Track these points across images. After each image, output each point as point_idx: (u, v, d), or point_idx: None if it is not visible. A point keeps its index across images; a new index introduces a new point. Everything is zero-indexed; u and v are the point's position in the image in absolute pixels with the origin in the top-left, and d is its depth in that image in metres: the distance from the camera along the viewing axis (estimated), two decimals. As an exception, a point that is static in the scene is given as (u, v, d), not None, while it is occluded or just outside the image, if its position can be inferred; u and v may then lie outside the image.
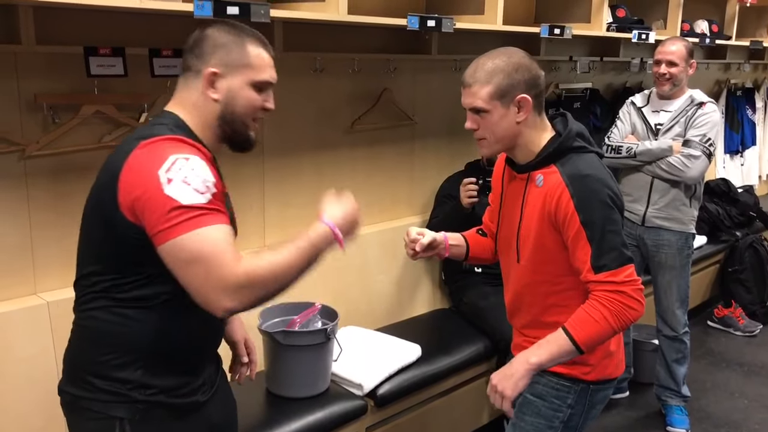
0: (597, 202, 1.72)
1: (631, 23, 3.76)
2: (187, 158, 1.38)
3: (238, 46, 1.51)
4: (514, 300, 1.96)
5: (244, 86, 1.51)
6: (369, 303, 3.10)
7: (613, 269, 1.71)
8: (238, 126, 1.53)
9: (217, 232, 1.36)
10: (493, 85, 1.72)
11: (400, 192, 3.33)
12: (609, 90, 4.49)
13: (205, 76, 1.49)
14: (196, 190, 1.35)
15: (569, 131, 1.79)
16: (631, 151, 3.15)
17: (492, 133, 1.77)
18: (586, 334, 1.72)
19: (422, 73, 3.29)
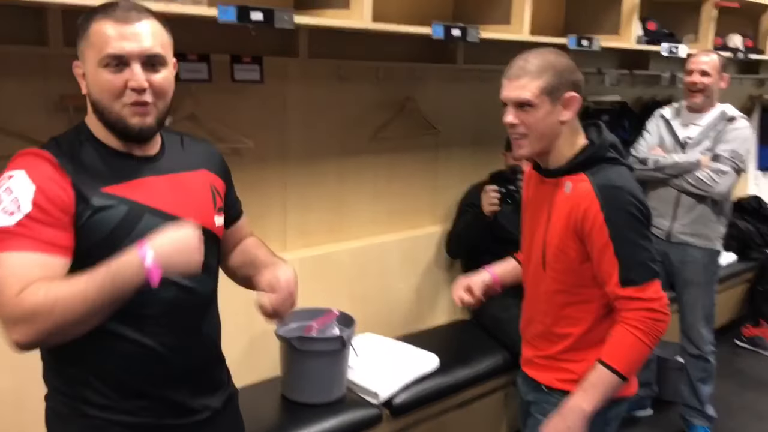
0: (627, 214, 1.69)
1: (661, 36, 3.71)
2: (11, 175, 1.29)
3: (83, 29, 1.35)
4: (531, 307, 1.94)
5: (94, 69, 1.33)
6: (388, 311, 3.09)
7: (641, 284, 1.69)
8: (109, 115, 1.35)
9: (13, 259, 1.25)
10: (543, 80, 1.69)
11: (423, 201, 3.32)
12: (638, 103, 4.43)
13: (74, 71, 1.38)
14: (3, 211, 1.27)
15: (603, 140, 1.77)
16: (658, 163, 3.11)
17: (535, 129, 1.72)
18: (625, 361, 1.70)
19: (447, 82, 3.28)
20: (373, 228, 3.12)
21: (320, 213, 2.91)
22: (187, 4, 1.97)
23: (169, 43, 1.41)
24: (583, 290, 1.79)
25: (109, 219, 1.34)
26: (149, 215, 1.38)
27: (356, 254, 2.99)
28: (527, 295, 1.96)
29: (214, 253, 1.52)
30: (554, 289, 1.83)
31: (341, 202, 2.99)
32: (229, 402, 1.60)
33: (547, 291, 1.85)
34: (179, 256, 1.29)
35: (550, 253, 1.81)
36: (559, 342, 1.85)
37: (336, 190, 2.95)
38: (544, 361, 1.90)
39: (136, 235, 1.34)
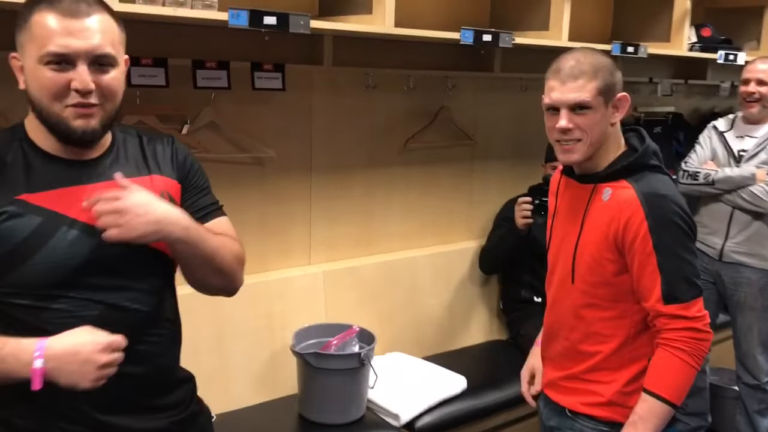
0: (673, 225, 1.58)
1: (717, 43, 3.50)
2: None
3: (22, 19, 1.23)
4: (554, 323, 1.80)
5: (35, 66, 1.21)
6: (417, 329, 2.97)
7: (686, 302, 1.58)
8: (48, 116, 1.23)
9: None
10: (600, 81, 1.60)
11: (457, 215, 3.20)
12: (695, 115, 4.20)
13: (10, 62, 1.26)
14: None
15: (647, 147, 1.66)
16: (710, 177, 2.90)
17: (591, 133, 1.62)
18: (674, 387, 1.59)
19: (484, 91, 3.16)
20: (402, 242, 3.01)
21: (347, 226, 2.83)
22: (197, 8, 1.92)
23: (120, 39, 1.30)
24: (617, 305, 1.66)
25: (17, 231, 1.22)
26: (67, 228, 1.25)
27: (384, 268, 2.88)
28: (550, 310, 1.83)
29: (158, 270, 1.38)
30: (584, 302, 1.70)
31: (369, 215, 2.89)
32: (186, 424, 1.43)
33: (575, 305, 1.72)
34: (71, 372, 1.19)
35: (582, 265, 1.68)
36: (584, 360, 1.72)
37: (363, 202, 2.86)
38: (568, 383, 1.76)
39: (48, 250, 1.23)
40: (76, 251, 1.25)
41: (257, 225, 2.56)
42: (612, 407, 1.68)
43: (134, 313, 1.31)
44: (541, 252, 2.92)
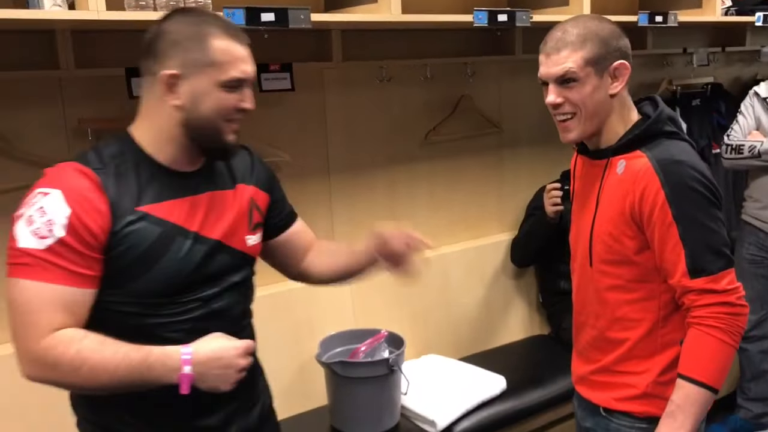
0: (692, 192, 1.46)
1: (754, 5, 3.29)
2: (45, 192, 1.24)
3: (198, 42, 1.30)
4: (580, 311, 1.69)
5: (210, 87, 1.30)
6: (453, 329, 2.85)
7: (714, 274, 1.45)
8: (206, 131, 1.33)
9: (42, 290, 1.22)
10: (587, 50, 1.50)
11: (488, 207, 3.06)
12: (736, 84, 3.97)
13: (162, 79, 1.29)
14: (34, 233, 1.22)
15: (660, 112, 1.55)
16: (755, 149, 2.73)
17: (584, 107, 1.52)
18: (711, 371, 1.47)
19: (506, 75, 3.02)
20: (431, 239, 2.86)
21: (369, 227, 2.69)
22: (190, 10, 1.83)
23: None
24: (642, 285, 1.54)
25: (141, 241, 1.29)
26: (182, 238, 1.34)
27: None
28: (576, 298, 1.72)
29: (245, 273, 1.49)
30: (606, 285, 1.58)
31: (393, 214, 2.78)
32: (265, 415, 1.57)
33: (597, 289, 1.60)
34: (215, 376, 1.28)
35: (600, 245, 1.57)
36: (614, 350, 1.60)
37: (386, 201, 2.75)
38: (599, 377, 1.65)
39: (167, 260, 1.32)
40: (189, 260, 1.35)
41: (276, 231, 2.47)
42: (648, 400, 1.56)
43: (229, 316, 1.42)
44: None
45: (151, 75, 1.32)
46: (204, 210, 1.39)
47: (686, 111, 3.56)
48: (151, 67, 1.32)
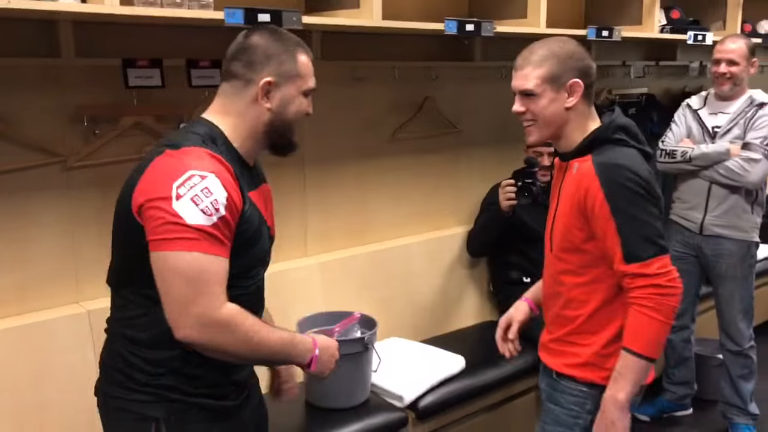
0: (626, 190, 1.69)
1: (686, 25, 3.62)
2: (204, 176, 1.38)
3: (290, 55, 1.53)
4: (546, 292, 1.94)
5: (296, 95, 1.54)
6: (413, 314, 3.05)
7: (645, 260, 1.68)
8: (286, 132, 1.57)
9: (214, 262, 1.38)
10: (545, 69, 1.73)
11: (445, 202, 3.28)
12: (667, 95, 4.33)
13: (261, 85, 1.50)
14: (202, 211, 1.36)
15: (610, 122, 1.78)
16: (686, 155, 3.01)
17: (541, 116, 1.76)
18: (644, 341, 1.70)
19: (466, 80, 3.24)
20: (395, 231, 3.09)
21: (340, 217, 2.89)
22: (194, 8, 1.97)
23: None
24: (590, 270, 1.78)
25: (251, 223, 1.49)
26: (264, 226, 1.58)
27: (378, 257, 2.96)
28: (543, 280, 1.97)
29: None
30: (561, 269, 1.84)
31: (361, 205, 2.96)
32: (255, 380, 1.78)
33: (556, 272, 1.86)
34: (325, 362, 1.58)
35: (557, 234, 1.83)
36: (565, 325, 1.86)
37: (356, 193, 2.92)
38: (554, 345, 1.91)
39: (262, 242, 1.55)
40: (267, 245, 1.61)
41: (254, 219, 2.61)
42: (589, 368, 1.80)
43: (263, 292, 1.69)
44: (527, 233, 3.04)
45: (243, 80, 1.52)
46: (263, 201, 1.61)
47: None
48: (245, 74, 1.51)
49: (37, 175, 2.15)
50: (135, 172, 1.47)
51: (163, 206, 1.36)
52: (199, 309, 1.37)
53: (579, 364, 1.82)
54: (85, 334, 2.19)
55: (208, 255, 1.37)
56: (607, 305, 1.78)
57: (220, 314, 1.38)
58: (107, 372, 1.58)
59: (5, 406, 2.06)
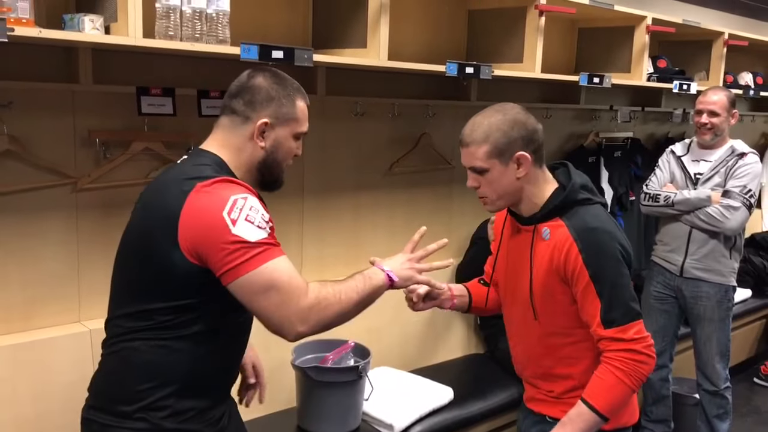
0: (606, 256, 1.72)
1: (672, 74, 3.78)
2: (245, 198, 1.48)
3: (289, 100, 1.64)
4: (524, 353, 1.94)
5: (288, 137, 1.65)
6: (403, 344, 3.12)
7: (623, 325, 1.72)
8: (275, 170, 1.66)
9: (284, 262, 1.49)
10: (490, 144, 1.72)
11: (438, 235, 3.28)
12: (651, 140, 4.48)
13: (258, 125, 1.60)
14: (258, 226, 1.47)
15: (573, 184, 1.79)
16: (669, 200, 3.14)
17: (493, 190, 1.77)
18: (606, 401, 1.73)
19: (461, 119, 3.23)
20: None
21: (336, 246, 2.96)
22: (211, 43, 2.05)
23: None
24: (578, 330, 1.81)
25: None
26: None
27: (371, 287, 3.02)
28: (517, 342, 1.96)
29: None
30: (549, 332, 1.84)
31: (357, 236, 3.04)
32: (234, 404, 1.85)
33: (542, 336, 1.85)
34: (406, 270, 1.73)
35: (539, 301, 1.82)
36: (562, 382, 1.86)
37: (352, 223, 3.00)
38: (551, 398, 1.90)
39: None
40: None
41: (253, 246, 2.67)
42: None
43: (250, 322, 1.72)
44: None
45: (242, 117, 1.62)
46: None
47: (609, 161, 4.01)
48: (244, 111, 1.61)
49: (47, 195, 2.20)
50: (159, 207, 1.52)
51: (224, 238, 1.44)
52: (295, 307, 1.47)
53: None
54: (86, 352, 2.23)
55: (275, 259, 1.47)
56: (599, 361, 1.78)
57: (309, 300, 1.48)
58: (100, 398, 1.60)
59: (6, 418, 2.09)
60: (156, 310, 1.52)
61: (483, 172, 1.75)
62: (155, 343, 1.54)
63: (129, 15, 1.86)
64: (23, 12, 1.74)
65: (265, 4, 2.57)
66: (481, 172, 1.76)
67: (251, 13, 2.49)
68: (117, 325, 1.60)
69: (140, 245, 1.55)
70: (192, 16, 1.99)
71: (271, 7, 2.60)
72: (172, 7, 1.95)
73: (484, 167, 1.74)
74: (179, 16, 1.97)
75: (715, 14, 4.75)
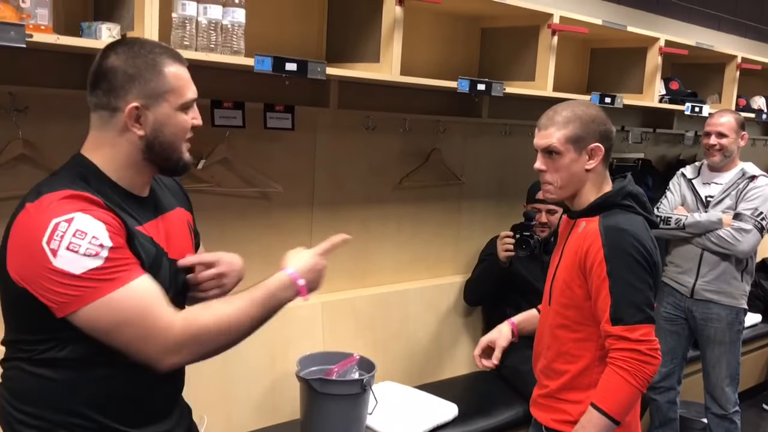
0: (626, 255, 1.75)
1: (684, 96, 3.78)
2: (69, 219, 1.25)
3: (154, 71, 1.36)
4: (538, 342, 2.00)
5: (171, 113, 1.39)
6: (409, 359, 3.11)
7: (630, 325, 1.74)
8: (169, 153, 1.41)
9: (132, 290, 1.27)
10: (569, 130, 1.81)
11: (445, 250, 3.37)
12: (662, 162, 4.47)
13: (127, 112, 1.35)
14: (85, 254, 1.24)
15: (621, 189, 1.86)
16: (680, 222, 3.13)
17: (560, 176, 1.84)
18: (614, 403, 1.74)
19: (472, 135, 3.36)
20: (395, 275, 3.16)
21: (344, 259, 2.96)
22: (226, 53, 2.07)
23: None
24: (584, 327, 1.84)
25: (146, 256, 1.37)
26: (165, 259, 1.45)
27: (378, 300, 3.02)
28: (537, 331, 2.03)
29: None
30: (557, 323, 1.89)
31: (365, 249, 3.04)
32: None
33: (552, 325, 1.91)
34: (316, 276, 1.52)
35: (557, 288, 1.89)
36: (557, 378, 1.90)
37: (360, 237, 3.00)
38: (544, 400, 1.95)
39: (160, 277, 1.38)
40: (170, 282, 1.45)
41: (261, 256, 2.62)
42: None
43: None
44: (522, 285, 3.12)
45: (108, 109, 1.37)
46: (164, 232, 1.48)
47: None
48: (108, 102, 1.36)
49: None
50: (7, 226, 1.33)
51: (47, 273, 1.24)
52: (155, 339, 1.28)
53: (569, 421, 1.85)
54: None
55: (120, 289, 1.26)
56: (599, 364, 1.82)
57: (175, 332, 1.29)
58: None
59: None
60: (15, 334, 1.37)
61: (556, 155, 1.81)
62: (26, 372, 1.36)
63: (145, 24, 1.88)
64: (42, 19, 1.77)
65: (281, 17, 2.60)
66: (554, 154, 1.82)
67: (267, 25, 2.52)
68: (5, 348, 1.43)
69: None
70: (208, 26, 2.02)
71: (287, 20, 2.62)
72: (188, 18, 1.98)
73: (559, 149, 1.81)
74: (195, 26, 2.00)
75: (729, 38, 4.75)
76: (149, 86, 1.36)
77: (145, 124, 1.37)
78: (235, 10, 2.06)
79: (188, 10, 1.98)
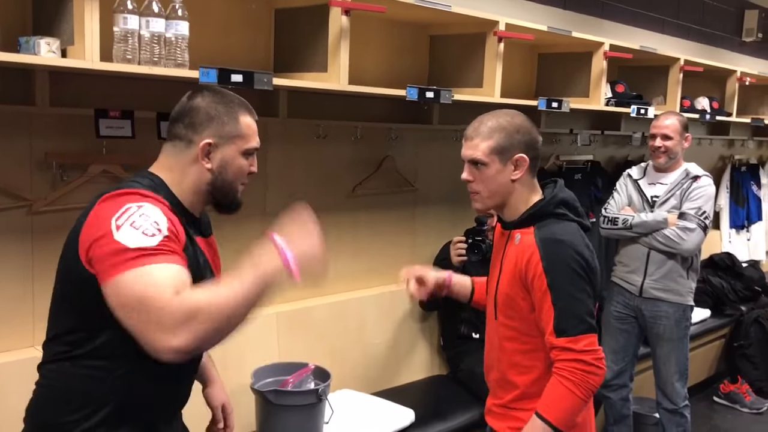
0: (565, 267, 1.77)
1: (630, 99, 3.87)
2: (139, 205, 1.41)
3: (231, 117, 1.58)
4: (488, 355, 2.01)
5: (236, 155, 1.58)
6: (365, 366, 3.11)
7: (574, 336, 1.76)
8: (228, 190, 1.60)
9: (160, 270, 1.34)
10: (494, 141, 1.82)
11: (401, 257, 3.38)
12: (611, 163, 4.57)
13: (201, 147, 1.55)
14: (144, 233, 1.37)
15: (553, 197, 1.86)
16: (627, 222, 3.20)
17: (486, 187, 1.85)
18: (558, 412, 1.76)
19: (423, 141, 3.39)
20: (351, 283, 3.17)
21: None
22: (170, 66, 2.05)
23: None
24: (531, 339, 1.86)
25: (193, 262, 1.50)
26: (209, 273, 1.60)
27: (334, 309, 3.03)
28: (486, 344, 2.03)
29: None
30: (505, 335, 1.90)
31: (319, 258, 3.03)
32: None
33: (500, 338, 1.92)
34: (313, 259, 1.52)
35: (501, 302, 1.90)
36: (511, 390, 1.92)
37: (314, 245, 3.00)
38: (499, 410, 1.97)
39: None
40: None
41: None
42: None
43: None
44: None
45: (185, 141, 1.57)
46: (212, 252, 1.67)
47: (569, 184, 3.96)
48: (186, 134, 1.57)
49: (1, 218, 2.18)
50: (75, 226, 1.47)
51: (107, 242, 1.36)
52: (157, 319, 1.30)
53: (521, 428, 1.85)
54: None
55: (152, 266, 1.34)
56: (549, 372, 1.83)
57: (174, 310, 1.30)
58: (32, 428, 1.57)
59: (-46, 449, 2.04)
60: (71, 330, 1.48)
61: (481, 165, 1.82)
62: (77, 368, 1.47)
63: (86, 38, 1.86)
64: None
65: (228, 30, 2.59)
66: (480, 165, 1.82)
67: (214, 37, 2.51)
68: (47, 349, 1.55)
69: (60, 266, 1.52)
70: (150, 40, 2.00)
71: (234, 32, 2.61)
72: (131, 31, 1.96)
73: (484, 161, 1.82)
74: (137, 39, 1.98)
75: (672, 41, 4.88)
76: (224, 128, 1.56)
77: (213, 160, 1.56)
78: (178, 22, 2.05)
79: (130, 23, 1.96)
